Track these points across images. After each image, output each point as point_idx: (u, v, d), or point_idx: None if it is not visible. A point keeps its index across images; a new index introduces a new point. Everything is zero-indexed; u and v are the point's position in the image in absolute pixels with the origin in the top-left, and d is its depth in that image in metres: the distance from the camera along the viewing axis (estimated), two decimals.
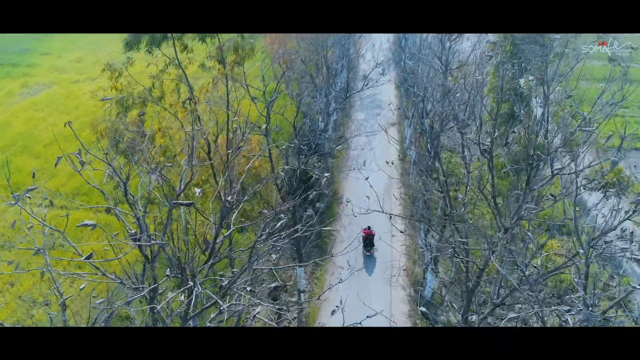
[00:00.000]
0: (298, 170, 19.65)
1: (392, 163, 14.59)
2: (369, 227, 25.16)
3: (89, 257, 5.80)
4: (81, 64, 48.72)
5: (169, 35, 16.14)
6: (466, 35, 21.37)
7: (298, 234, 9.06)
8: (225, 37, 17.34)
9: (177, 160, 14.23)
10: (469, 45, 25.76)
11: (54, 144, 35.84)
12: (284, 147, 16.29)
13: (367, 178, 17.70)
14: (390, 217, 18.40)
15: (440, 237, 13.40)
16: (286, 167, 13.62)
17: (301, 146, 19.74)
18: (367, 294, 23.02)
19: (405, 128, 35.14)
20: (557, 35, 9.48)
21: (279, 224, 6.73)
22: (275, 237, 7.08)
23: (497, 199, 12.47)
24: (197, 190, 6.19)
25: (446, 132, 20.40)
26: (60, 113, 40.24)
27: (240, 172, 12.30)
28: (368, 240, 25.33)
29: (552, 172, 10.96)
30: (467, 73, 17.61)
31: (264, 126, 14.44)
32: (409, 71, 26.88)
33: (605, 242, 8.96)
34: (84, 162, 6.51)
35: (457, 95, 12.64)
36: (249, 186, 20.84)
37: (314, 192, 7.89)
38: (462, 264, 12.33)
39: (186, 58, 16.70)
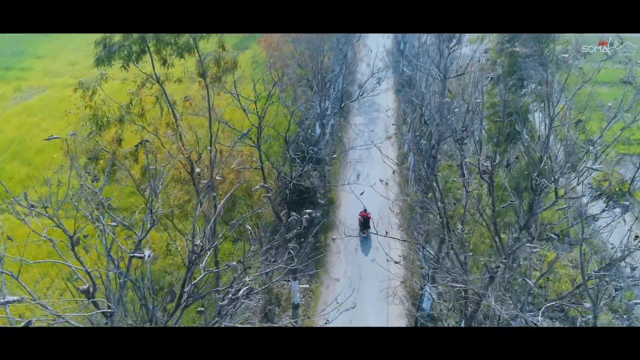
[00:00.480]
0: (291, 183, 18.94)
1: (387, 183, 13.91)
2: (365, 210, 25.84)
3: (28, 324, 5.14)
4: (75, 67, 47.95)
5: (145, 50, 15.41)
6: (464, 41, 20.62)
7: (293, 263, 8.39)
8: (204, 50, 16.41)
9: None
10: (467, 50, 25.02)
11: (45, 151, 35.23)
12: (269, 187, 15.61)
13: (362, 193, 17.02)
14: (386, 234, 17.73)
15: (436, 260, 12.73)
16: (263, 208, 12.87)
17: (295, 158, 19.00)
18: (362, 310, 22.35)
19: (404, 134, 34.40)
20: (565, 54, 8.90)
21: (241, 291, 5.98)
22: (241, 300, 6.33)
23: (498, 219, 11.78)
24: (147, 252, 5.45)
25: (445, 140, 19.70)
26: (53, 118, 39.51)
27: (225, 193, 11.58)
28: (364, 223, 26.08)
29: (556, 194, 10.29)
30: (465, 84, 16.89)
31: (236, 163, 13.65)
32: (406, 79, 26.15)
33: (616, 290, 8.27)
34: (34, 205, 5.81)
35: (456, 110, 11.96)
36: (239, 200, 20.25)
37: (296, 230, 7.20)
38: (461, 291, 11.65)
39: (164, 74, 15.93)
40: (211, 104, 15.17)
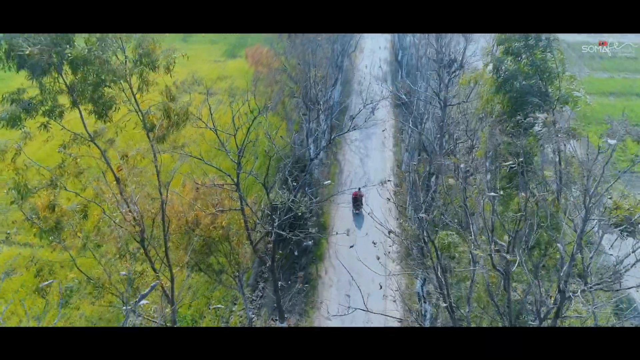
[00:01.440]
0: (273, 228, 17.12)
1: (378, 257, 12.30)
2: (359, 189, 27.48)
3: None
4: None
5: (74, 102, 13.38)
6: (466, 66, 18.74)
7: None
8: (149, 100, 14.19)
9: (102, 252, 11.76)
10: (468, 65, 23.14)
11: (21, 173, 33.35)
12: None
13: (352, 246, 15.41)
14: (380, 285, 16.03)
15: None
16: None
17: (280, 203, 17.14)
18: None
19: (402, 152, 32.65)
20: (612, 141, 7.37)
21: None
22: None
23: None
24: None
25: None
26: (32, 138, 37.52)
27: None
28: (357, 201, 27.70)
29: (586, 285, 8.57)
30: (466, 109, 15.09)
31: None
32: (404, 102, 24.31)
33: None
34: None
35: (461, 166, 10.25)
36: (214, 243, 18.36)
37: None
38: None
39: (93, 131, 13.83)
40: (159, 164, 13.22)
